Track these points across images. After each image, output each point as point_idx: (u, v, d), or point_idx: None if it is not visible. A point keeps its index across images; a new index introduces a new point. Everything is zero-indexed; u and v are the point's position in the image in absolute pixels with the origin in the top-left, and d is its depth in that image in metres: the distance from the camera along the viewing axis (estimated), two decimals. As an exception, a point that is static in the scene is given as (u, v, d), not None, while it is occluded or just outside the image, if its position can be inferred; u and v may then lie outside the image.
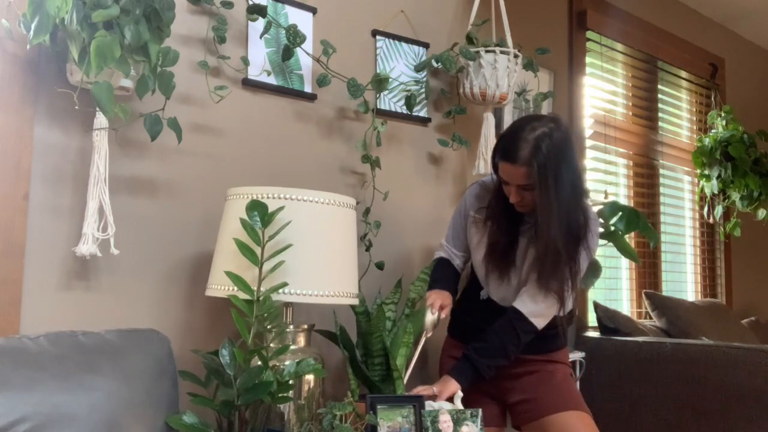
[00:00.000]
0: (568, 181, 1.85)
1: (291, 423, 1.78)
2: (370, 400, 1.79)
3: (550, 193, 1.83)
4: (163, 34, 1.71)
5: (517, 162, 1.85)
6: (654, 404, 2.71)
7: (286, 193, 1.74)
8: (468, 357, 2.00)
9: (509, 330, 1.99)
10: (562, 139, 1.86)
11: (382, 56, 2.47)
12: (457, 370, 1.99)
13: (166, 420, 1.64)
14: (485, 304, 2.12)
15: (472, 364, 1.99)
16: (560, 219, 1.86)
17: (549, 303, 1.98)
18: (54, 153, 1.77)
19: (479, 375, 1.99)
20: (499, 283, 2.08)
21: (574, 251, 1.93)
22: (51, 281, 1.75)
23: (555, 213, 1.85)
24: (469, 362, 1.99)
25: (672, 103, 4.30)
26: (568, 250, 1.91)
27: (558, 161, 1.83)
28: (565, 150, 1.86)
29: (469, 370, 1.99)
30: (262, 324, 1.65)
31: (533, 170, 1.82)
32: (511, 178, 1.89)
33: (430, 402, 1.88)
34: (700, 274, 4.41)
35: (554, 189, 1.83)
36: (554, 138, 1.84)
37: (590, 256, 2.00)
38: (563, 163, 1.84)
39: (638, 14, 3.87)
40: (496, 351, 1.99)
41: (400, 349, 2.04)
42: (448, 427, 1.80)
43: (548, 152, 1.82)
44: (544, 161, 1.82)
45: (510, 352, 2.00)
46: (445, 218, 2.61)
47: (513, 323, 1.99)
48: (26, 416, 1.42)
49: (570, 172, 1.86)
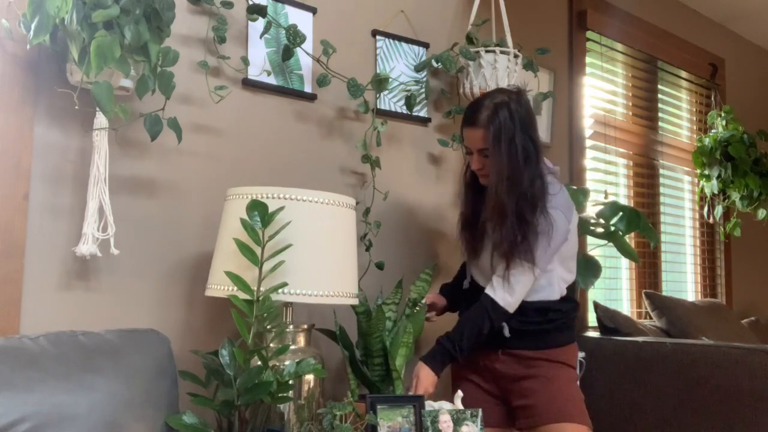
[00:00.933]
0: (521, 147, 1.96)
1: (291, 423, 1.78)
2: (370, 400, 1.79)
3: (503, 156, 1.94)
4: (163, 34, 1.71)
5: (476, 125, 1.99)
6: (654, 404, 2.71)
7: (286, 193, 1.74)
8: (438, 341, 2.02)
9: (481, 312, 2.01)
10: (520, 108, 1.98)
11: (382, 56, 2.47)
12: (428, 356, 2.00)
13: (166, 420, 1.64)
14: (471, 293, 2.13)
15: (442, 346, 2.00)
16: (510, 182, 1.94)
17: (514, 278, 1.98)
18: (54, 153, 1.77)
19: (451, 356, 2.00)
20: (476, 263, 2.12)
21: (531, 215, 1.95)
22: (51, 281, 1.75)
23: (504, 176, 1.94)
24: (439, 345, 2.01)
25: (672, 103, 4.30)
26: (520, 214, 1.94)
27: (513, 127, 1.95)
28: (523, 118, 1.98)
29: (438, 353, 2.00)
30: (262, 324, 1.65)
31: (489, 133, 1.96)
32: (471, 142, 2.02)
33: (430, 402, 1.88)
34: (700, 274, 4.41)
35: (506, 153, 1.94)
36: (512, 106, 1.97)
37: (558, 218, 1.99)
38: (518, 130, 1.96)
39: (638, 14, 3.87)
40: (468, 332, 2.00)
41: (400, 349, 2.04)
42: (448, 427, 1.80)
43: (504, 118, 1.96)
44: (499, 125, 1.95)
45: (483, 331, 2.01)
46: (445, 218, 2.61)
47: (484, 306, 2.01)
48: (26, 416, 1.42)
49: (524, 139, 1.97)
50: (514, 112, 1.97)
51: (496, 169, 1.96)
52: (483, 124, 1.97)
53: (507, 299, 1.99)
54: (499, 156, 1.95)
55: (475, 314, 2.01)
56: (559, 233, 1.99)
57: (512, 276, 1.97)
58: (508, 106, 1.97)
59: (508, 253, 1.95)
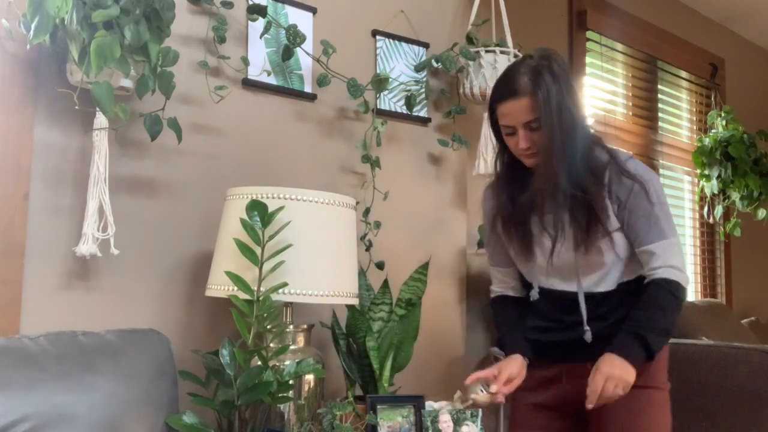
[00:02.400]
0: (573, 111, 1.71)
1: (291, 423, 1.78)
2: (370, 400, 1.79)
3: (555, 125, 1.67)
4: (163, 34, 1.71)
5: (517, 94, 1.69)
6: (654, 404, 2.71)
7: (286, 193, 1.74)
8: (630, 331, 1.68)
9: (667, 297, 1.70)
10: (560, 69, 1.72)
11: (382, 56, 2.47)
12: (620, 349, 1.66)
13: (166, 420, 1.64)
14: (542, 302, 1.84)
15: (638, 337, 1.67)
16: (571, 154, 1.69)
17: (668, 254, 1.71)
18: (54, 153, 1.77)
19: (650, 351, 1.67)
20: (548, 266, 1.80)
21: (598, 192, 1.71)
22: (51, 281, 1.75)
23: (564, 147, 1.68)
24: (636, 338, 1.67)
25: (672, 103, 4.30)
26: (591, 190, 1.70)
27: (561, 89, 1.69)
28: (567, 80, 1.72)
29: (637, 348, 1.67)
30: (262, 324, 1.66)
31: (538, 99, 1.67)
32: (515, 117, 1.71)
33: (430, 402, 1.87)
34: (700, 274, 4.41)
35: (558, 120, 1.67)
36: (553, 67, 1.70)
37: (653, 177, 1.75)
38: (566, 93, 1.70)
39: (638, 14, 3.87)
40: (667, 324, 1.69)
41: (389, 351, 2.01)
42: (448, 427, 1.80)
43: (549, 81, 1.68)
44: (547, 89, 1.67)
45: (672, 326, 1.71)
46: (446, 218, 2.61)
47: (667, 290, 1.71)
48: (26, 416, 1.42)
49: (573, 102, 1.72)
50: (557, 74, 1.69)
51: (551, 142, 1.68)
52: (527, 91, 1.68)
53: (682, 277, 1.72)
54: (552, 125, 1.67)
55: (662, 300, 1.70)
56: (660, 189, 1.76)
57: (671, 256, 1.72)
58: (549, 67, 1.69)
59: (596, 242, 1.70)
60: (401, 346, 2.05)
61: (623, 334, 1.69)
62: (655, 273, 1.73)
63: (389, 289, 2.10)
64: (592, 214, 1.72)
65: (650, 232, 1.73)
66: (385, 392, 1.98)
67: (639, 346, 1.67)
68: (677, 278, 1.72)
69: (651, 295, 1.72)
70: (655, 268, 1.73)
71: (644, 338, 1.67)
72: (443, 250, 2.59)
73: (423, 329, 2.10)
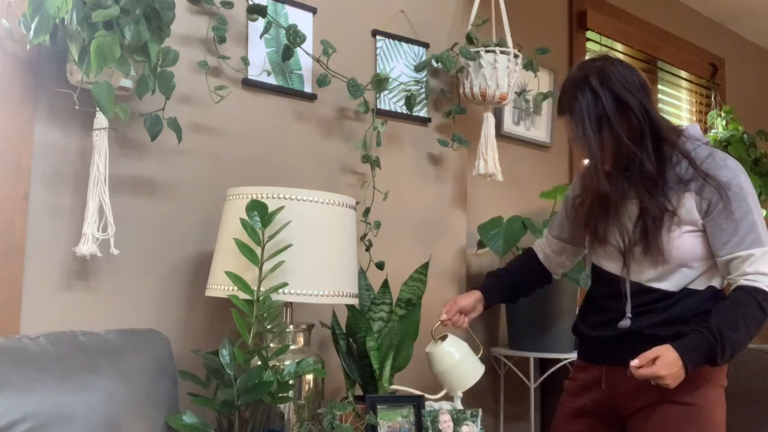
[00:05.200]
0: (621, 121, 1.66)
1: (291, 423, 1.78)
2: (370, 400, 1.79)
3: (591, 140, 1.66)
4: (163, 34, 1.71)
5: (561, 113, 1.75)
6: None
7: (286, 193, 1.74)
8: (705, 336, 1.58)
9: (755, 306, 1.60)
10: (606, 79, 1.67)
11: (382, 56, 2.47)
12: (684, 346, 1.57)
13: (166, 420, 1.64)
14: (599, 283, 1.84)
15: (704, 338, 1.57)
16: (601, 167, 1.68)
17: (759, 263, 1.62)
18: (54, 153, 1.77)
19: (712, 356, 1.58)
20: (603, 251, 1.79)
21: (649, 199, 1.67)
22: (51, 281, 1.75)
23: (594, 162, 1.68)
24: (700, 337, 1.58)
25: (672, 103, 4.30)
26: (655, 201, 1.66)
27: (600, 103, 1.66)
28: (614, 89, 1.67)
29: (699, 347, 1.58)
30: (262, 324, 1.66)
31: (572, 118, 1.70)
32: (567, 131, 1.76)
33: (430, 402, 1.87)
34: (700, 274, 4.41)
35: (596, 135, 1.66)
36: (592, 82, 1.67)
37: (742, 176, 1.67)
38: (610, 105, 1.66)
39: (638, 14, 3.87)
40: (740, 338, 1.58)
41: (389, 351, 2.01)
42: (448, 427, 1.80)
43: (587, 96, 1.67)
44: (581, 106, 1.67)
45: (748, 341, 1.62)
46: (445, 218, 2.61)
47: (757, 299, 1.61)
48: (26, 416, 1.42)
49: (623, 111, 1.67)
50: (597, 88, 1.66)
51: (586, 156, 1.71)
52: (566, 109, 1.72)
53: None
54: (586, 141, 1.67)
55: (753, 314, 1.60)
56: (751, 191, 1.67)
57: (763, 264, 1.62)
58: (588, 82, 1.68)
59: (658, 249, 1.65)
60: (401, 346, 2.05)
61: (696, 334, 1.59)
62: (743, 279, 1.63)
63: (389, 289, 2.10)
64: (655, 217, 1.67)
65: (746, 237, 1.63)
66: (385, 392, 1.98)
67: (706, 351, 1.58)
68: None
69: (737, 302, 1.62)
70: (745, 274, 1.62)
71: (713, 348, 1.57)
72: (443, 250, 2.59)
73: (423, 329, 2.10)
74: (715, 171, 1.66)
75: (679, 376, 1.55)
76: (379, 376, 2.00)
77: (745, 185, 1.66)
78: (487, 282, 2.01)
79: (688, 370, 1.56)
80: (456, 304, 1.92)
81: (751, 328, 1.59)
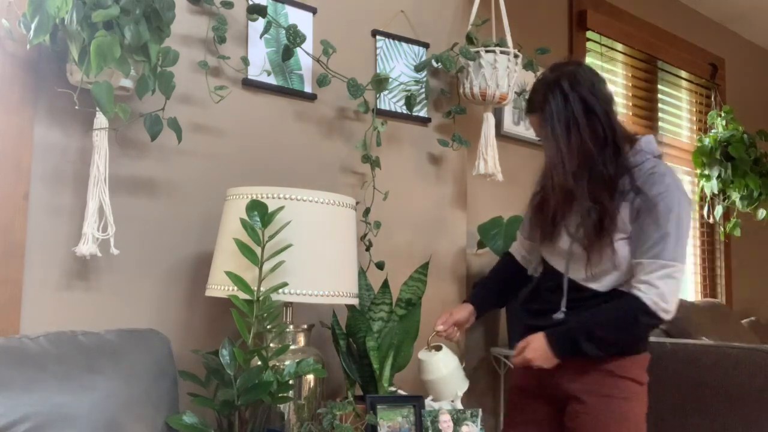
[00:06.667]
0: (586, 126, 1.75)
1: (291, 423, 1.78)
2: (370, 400, 1.79)
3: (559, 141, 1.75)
4: (163, 34, 1.71)
5: (530, 111, 1.85)
6: (654, 404, 2.71)
7: (286, 193, 1.74)
8: (571, 329, 1.77)
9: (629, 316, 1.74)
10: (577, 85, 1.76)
11: (382, 56, 2.47)
12: (554, 332, 1.77)
13: (166, 420, 1.64)
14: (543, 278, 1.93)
15: (570, 332, 1.76)
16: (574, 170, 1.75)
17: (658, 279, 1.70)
18: (54, 153, 1.77)
19: (576, 349, 1.75)
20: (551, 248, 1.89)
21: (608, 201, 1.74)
22: (51, 281, 1.75)
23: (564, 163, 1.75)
24: (568, 330, 1.77)
25: (672, 103, 4.30)
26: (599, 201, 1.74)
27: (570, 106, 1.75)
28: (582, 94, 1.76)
29: (565, 336, 1.77)
30: (262, 324, 1.66)
31: (542, 118, 1.79)
32: (534, 130, 1.87)
33: (430, 402, 1.87)
34: (700, 274, 4.41)
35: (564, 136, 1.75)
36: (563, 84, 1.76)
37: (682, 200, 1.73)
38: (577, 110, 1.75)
39: (638, 14, 3.87)
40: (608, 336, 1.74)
41: (389, 351, 2.01)
42: (448, 427, 1.81)
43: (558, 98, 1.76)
44: (552, 108, 1.76)
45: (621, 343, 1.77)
46: (445, 218, 2.61)
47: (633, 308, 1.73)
48: (26, 416, 1.42)
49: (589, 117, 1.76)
50: (568, 91, 1.75)
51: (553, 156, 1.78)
52: (537, 108, 1.81)
53: (665, 306, 1.71)
54: (555, 141, 1.76)
55: (624, 319, 1.74)
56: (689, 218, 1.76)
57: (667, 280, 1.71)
58: (559, 84, 1.76)
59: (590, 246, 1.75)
60: (401, 346, 2.05)
61: (564, 328, 1.78)
62: (635, 285, 1.73)
63: (389, 289, 2.10)
64: (600, 222, 1.75)
65: (653, 247, 1.71)
66: (385, 392, 1.98)
67: (571, 342, 1.76)
68: (652, 304, 1.71)
69: (616, 306, 1.77)
70: (639, 281, 1.73)
71: (577, 340, 1.74)
72: (443, 250, 2.59)
73: (423, 329, 2.10)
74: (649, 186, 1.74)
75: (547, 358, 1.76)
76: (379, 376, 2.00)
77: (673, 204, 1.72)
78: (475, 293, 2.09)
79: (557, 354, 1.75)
80: (452, 317, 1.97)
81: (620, 330, 1.75)
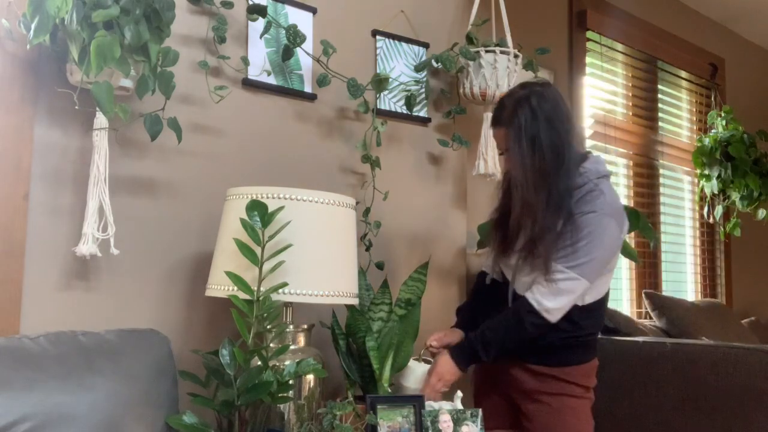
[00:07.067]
0: (548, 145, 1.85)
1: (291, 423, 1.78)
2: (370, 400, 1.79)
3: (525, 156, 1.85)
4: (163, 34, 1.71)
5: (498, 124, 1.94)
6: (654, 404, 2.71)
7: (286, 193, 1.74)
8: (468, 337, 1.96)
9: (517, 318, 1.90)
10: (544, 103, 1.86)
11: (382, 56, 2.47)
12: (456, 348, 1.96)
13: (166, 420, 1.64)
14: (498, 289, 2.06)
15: (470, 343, 1.94)
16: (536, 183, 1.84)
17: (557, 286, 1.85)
18: (54, 153, 1.77)
19: (477, 357, 1.93)
20: (506, 261, 2.02)
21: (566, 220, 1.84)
22: (51, 281, 1.75)
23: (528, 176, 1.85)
24: (468, 342, 1.95)
25: (672, 103, 4.31)
26: (549, 219, 1.84)
27: (536, 124, 1.85)
28: (548, 114, 1.86)
29: (466, 349, 1.95)
30: (262, 324, 1.66)
31: (510, 132, 1.88)
32: (498, 143, 1.97)
33: (430, 402, 1.87)
34: (700, 274, 4.41)
35: (529, 152, 1.85)
36: (533, 102, 1.86)
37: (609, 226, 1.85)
38: (542, 127, 1.85)
39: (638, 14, 3.87)
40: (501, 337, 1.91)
41: (389, 350, 2.01)
42: (448, 427, 1.80)
43: (526, 116, 1.85)
44: (520, 123, 1.85)
45: (515, 339, 1.91)
46: (445, 218, 2.61)
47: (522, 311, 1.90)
48: (26, 416, 1.42)
49: (551, 136, 1.85)
50: (536, 108, 1.85)
51: (517, 170, 1.88)
52: (505, 123, 1.90)
53: (547, 306, 1.86)
54: (520, 156, 1.86)
55: (511, 320, 1.91)
56: (611, 241, 1.86)
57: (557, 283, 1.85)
58: (529, 101, 1.86)
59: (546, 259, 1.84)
60: (401, 346, 2.04)
61: (467, 338, 1.97)
62: (532, 287, 1.89)
63: (389, 289, 2.10)
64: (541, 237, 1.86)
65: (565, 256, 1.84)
66: (385, 392, 1.98)
67: (470, 351, 1.93)
68: (535, 303, 1.87)
69: (513, 308, 1.94)
70: (535, 283, 1.89)
71: (475, 348, 1.92)
72: (443, 250, 2.59)
73: (423, 329, 2.10)
74: (582, 207, 1.85)
75: (452, 372, 1.92)
76: (378, 376, 1.99)
77: (594, 224, 1.83)
78: (462, 318, 2.19)
79: (461, 366, 1.93)
80: (445, 338, 2.07)
81: (508, 331, 1.91)
